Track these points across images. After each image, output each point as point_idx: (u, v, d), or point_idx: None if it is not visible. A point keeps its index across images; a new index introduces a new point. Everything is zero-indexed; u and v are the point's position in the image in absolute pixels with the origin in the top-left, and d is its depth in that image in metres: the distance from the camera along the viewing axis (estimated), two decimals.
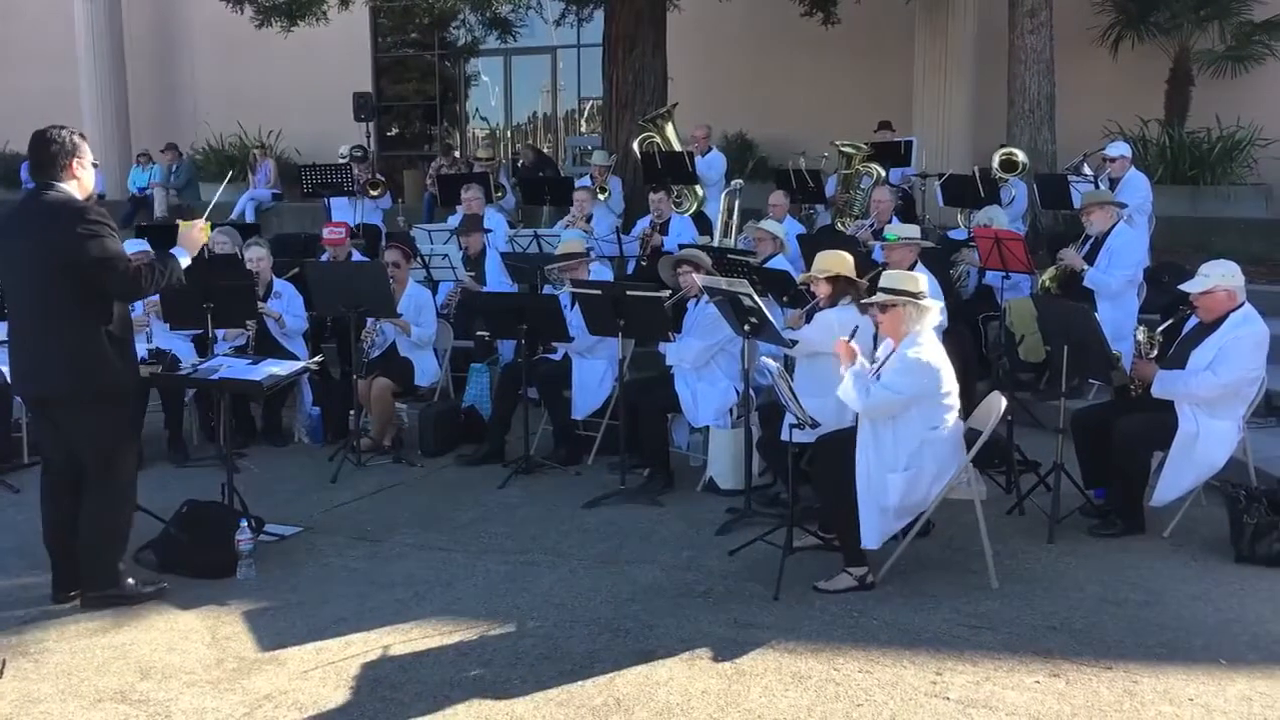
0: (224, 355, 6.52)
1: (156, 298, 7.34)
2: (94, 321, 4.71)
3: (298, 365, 6.15)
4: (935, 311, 5.04)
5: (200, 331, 7.28)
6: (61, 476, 4.89)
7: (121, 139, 18.26)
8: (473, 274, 8.78)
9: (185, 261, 5.01)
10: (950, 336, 5.17)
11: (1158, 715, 3.94)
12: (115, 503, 4.91)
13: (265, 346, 7.40)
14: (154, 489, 6.16)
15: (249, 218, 14.41)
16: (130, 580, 4.96)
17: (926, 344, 4.95)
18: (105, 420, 4.82)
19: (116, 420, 4.89)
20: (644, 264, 9.54)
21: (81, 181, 4.79)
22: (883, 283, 5.14)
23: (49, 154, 4.73)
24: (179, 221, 8.49)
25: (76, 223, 4.63)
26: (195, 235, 5.12)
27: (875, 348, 5.33)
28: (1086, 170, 10.24)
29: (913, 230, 7.46)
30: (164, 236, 9.09)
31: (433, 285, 8.64)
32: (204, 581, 5.17)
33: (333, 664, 4.36)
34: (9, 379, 6.36)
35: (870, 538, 4.98)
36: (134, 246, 7.87)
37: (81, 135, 4.85)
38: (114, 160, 17.73)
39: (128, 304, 4.97)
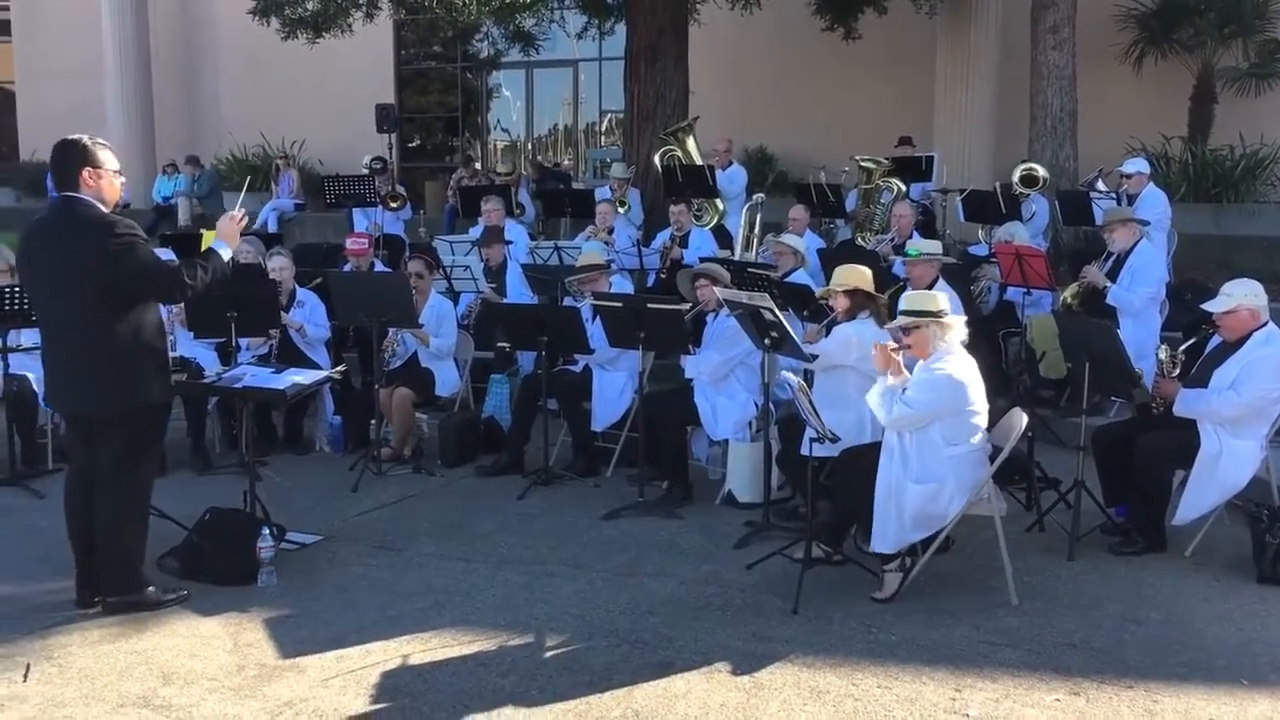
0: (247, 364, 6.57)
1: (181, 306, 7.42)
2: (131, 336, 4.74)
3: (321, 375, 6.19)
4: (959, 327, 5.06)
5: (224, 340, 7.34)
6: (88, 480, 4.93)
7: (146, 149, 18.42)
8: (494, 285, 8.82)
9: (226, 254, 5.03)
10: (970, 352, 5.17)
11: None
12: (132, 506, 4.94)
13: (288, 355, 7.45)
14: (177, 496, 6.20)
15: (272, 228, 14.53)
16: (151, 588, 5.00)
17: (953, 360, 4.96)
18: (138, 431, 4.87)
19: (148, 430, 4.94)
20: (664, 276, 9.57)
21: (101, 191, 4.77)
22: (903, 305, 5.18)
23: (64, 164, 4.74)
24: (203, 230, 8.58)
25: (107, 237, 4.64)
26: (232, 226, 5.10)
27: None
28: (1101, 186, 10.21)
29: (934, 246, 7.46)
30: (188, 245, 9.20)
31: (454, 296, 8.68)
32: (226, 588, 5.20)
33: (353, 672, 4.39)
34: (40, 391, 6.41)
35: (882, 542, 4.99)
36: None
37: (100, 143, 4.83)
38: (139, 170, 17.87)
39: (159, 310, 4.99)
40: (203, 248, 8.45)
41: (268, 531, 5.36)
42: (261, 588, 5.22)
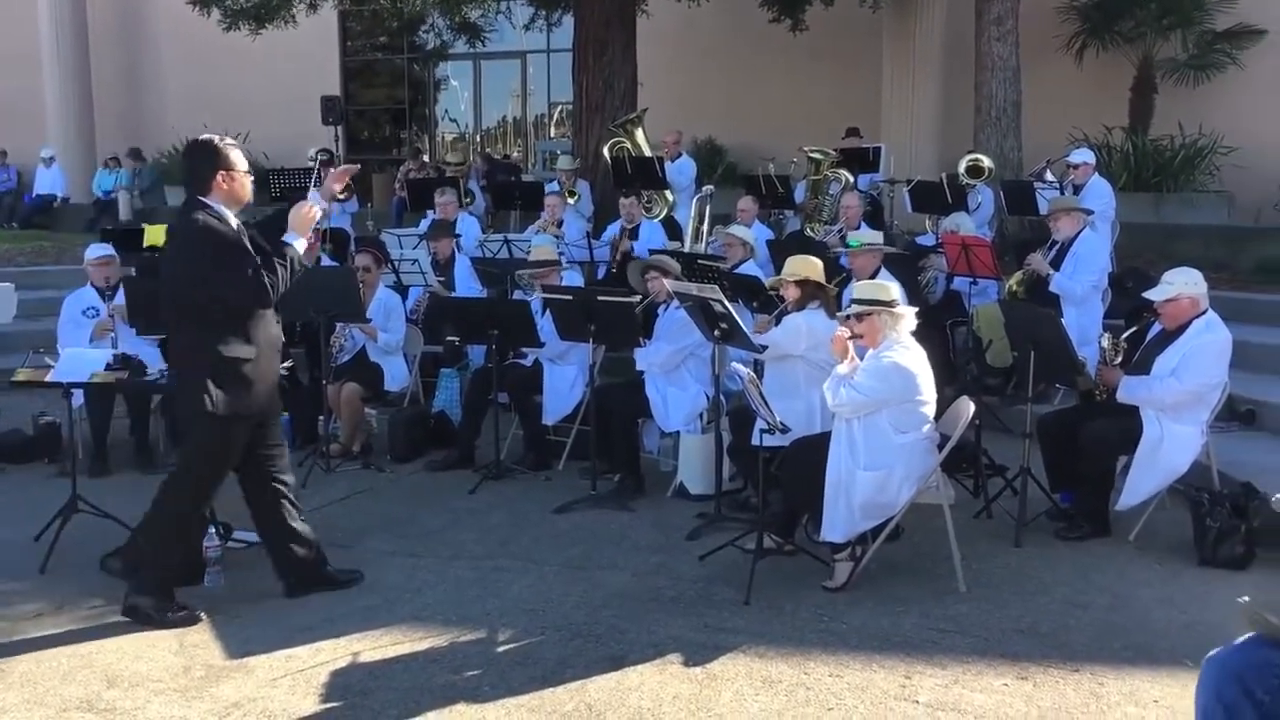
0: None
1: (122, 302, 7.29)
2: (213, 342, 4.65)
3: None
4: (910, 317, 5.10)
5: (167, 336, 7.20)
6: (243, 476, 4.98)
7: (85, 141, 18.07)
8: (442, 279, 8.76)
9: (301, 245, 4.84)
10: (918, 342, 5.22)
11: (1123, 717, 3.98)
12: (170, 513, 4.83)
13: None
14: (121, 496, 6.09)
15: None
16: (149, 599, 4.78)
17: (902, 349, 5.00)
18: (198, 438, 4.78)
19: (205, 440, 4.77)
20: (614, 271, 9.55)
21: (233, 193, 4.72)
22: (856, 294, 5.22)
23: (195, 166, 4.73)
24: (144, 225, 8.40)
25: (193, 246, 4.63)
26: (307, 215, 4.87)
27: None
28: (1049, 176, 10.35)
29: (875, 236, 7.53)
30: (128, 240, 9.03)
31: (402, 290, 8.61)
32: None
33: (302, 671, 4.34)
34: None
35: (833, 531, 5.02)
36: (98, 250, 7.82)
37: (230, 143, 4.77)
38: (78, 163, 17.55)
39: (263, 321, 4.82)
40: (145, 243, 8.30)
41: (213, 530, 5.27)
42: (208, 588, 5.13)
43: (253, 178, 4.89)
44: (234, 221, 4.71)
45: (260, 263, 4.66)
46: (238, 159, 4.75)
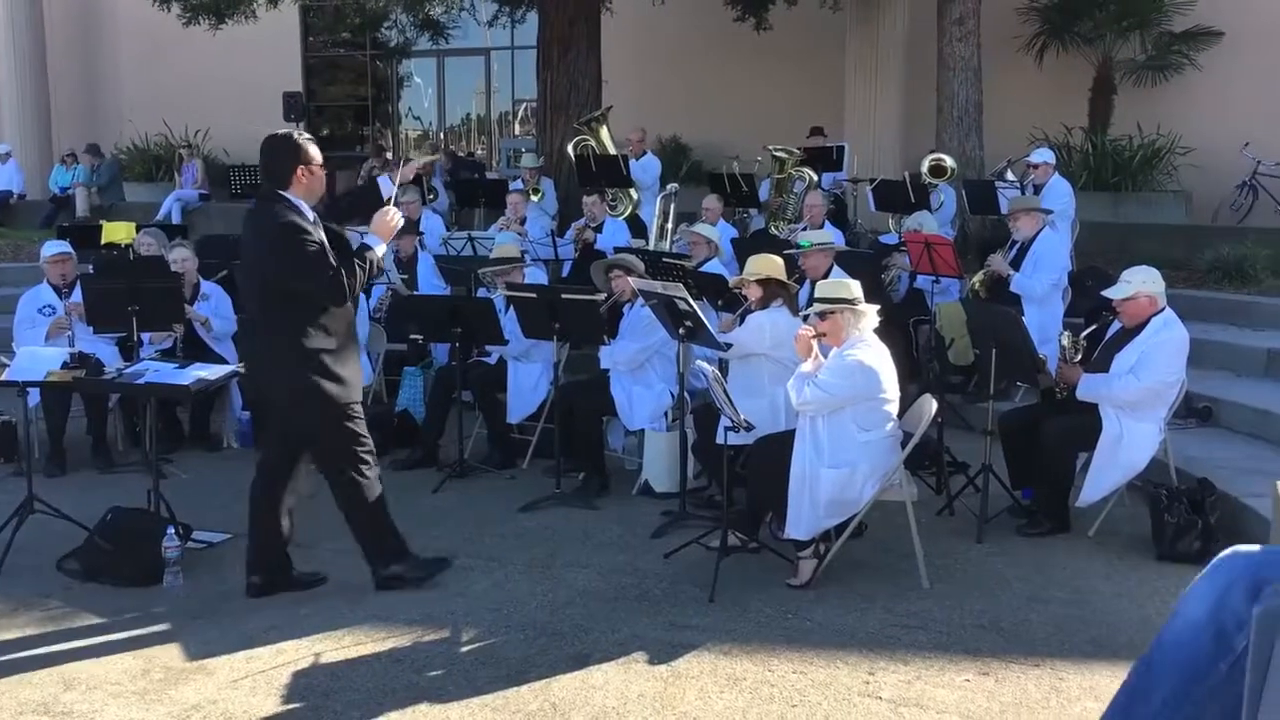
0: (150, 359, 6.39)
1: (79, 300, 7.18)
2: (292, 334, 4.68)
3: (227, 369, 6.02)
4: (872, 315, 5.13)
5: (125, 335, 7.12)
6: (265, 469, 5.05)
7: (42, 137, 17.80)
8: (405, 277, 8.70)
9: (381, 250, 4.91)
10: (882, 339, 5.25)
11: (1084, 711, 4.02)
12: (349, 507, 4.98)
13: (193, 350, 7.27)
14: (78, 495, 6.03)
15: (175, 219, 14.16)
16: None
17: (865, 347, 5.02)
18: (320, 437, 4.89)
19: (330, 434, 4.87)
20: (576, 256, 9.55)
21: (309, 186, 4.75)
22: (819, 293, 5.24)
23: (275, 160, 4.74)
24: (102, 222, 8.28)
25: (274, 238, 4.65)
26: (389, 222, 4.95)
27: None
28: (1010, 176, 10.44)
29: (825, 235, 7.57)
30: (85, 237, 8.92)
31: (365, 288, 8.54)
32: (130, 590, 5.06)
33: (263, 673, 4.29)
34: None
35: (797, 528, 5.04)
36: (54, 248, 7.71)
37: (308, 137, 4.81)
38: (35, 159, 17.29)
39: (341, 312, 4.83)
40: (103, 240, 8.19)
41: (173, 530, 5.21)
42: (167, 589, 5.08)
43: (326, 171, 4.92)
44: (310, 214, 4.75)
45: (340, 263, 4.70)
46: (316, 154, 4.79)
